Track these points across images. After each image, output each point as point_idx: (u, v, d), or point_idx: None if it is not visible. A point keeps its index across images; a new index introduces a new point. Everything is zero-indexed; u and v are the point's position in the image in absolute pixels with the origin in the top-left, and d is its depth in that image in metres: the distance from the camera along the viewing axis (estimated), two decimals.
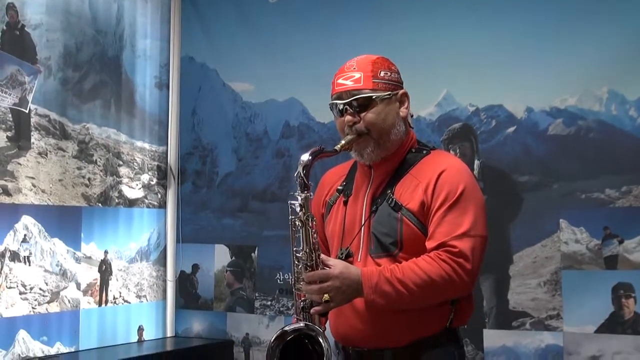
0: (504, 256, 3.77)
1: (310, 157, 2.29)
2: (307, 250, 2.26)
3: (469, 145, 3.90)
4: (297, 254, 2.28)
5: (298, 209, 2.28)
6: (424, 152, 2.41)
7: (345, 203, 2.44)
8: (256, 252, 4.50)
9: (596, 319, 3.58)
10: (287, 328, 2.25)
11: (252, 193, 4.56)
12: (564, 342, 3.63)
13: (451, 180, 2.28)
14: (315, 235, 2.27)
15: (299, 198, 2.28)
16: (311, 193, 2.29)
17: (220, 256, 4.60)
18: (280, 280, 4.38)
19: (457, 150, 3.89)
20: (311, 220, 2.28)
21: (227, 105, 4.65)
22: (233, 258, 4.57)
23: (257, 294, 4.47)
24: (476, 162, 3.85)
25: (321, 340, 2.21)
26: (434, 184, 2.28)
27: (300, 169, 2.28)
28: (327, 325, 2.41)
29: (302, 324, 2.25)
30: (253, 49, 4.51)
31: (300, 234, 2.28)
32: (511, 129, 3.83)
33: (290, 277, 2.33)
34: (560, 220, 3.68)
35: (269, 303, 4.42)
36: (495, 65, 3.84)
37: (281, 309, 4.37)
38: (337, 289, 2.21)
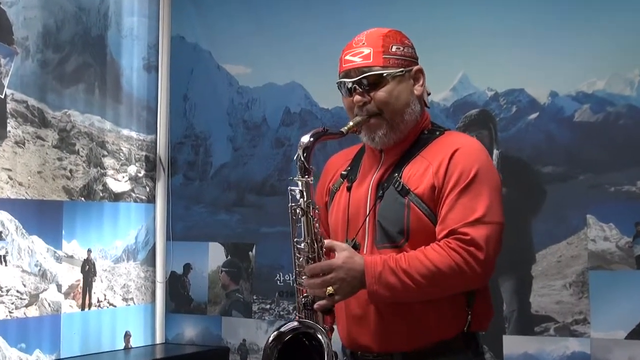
0: (526, 255, 3.78)
1: (311, 139, 2.28)
2: (309, 241, 2.26)
3: (487, 133, 3.90)
4: (298, 246, 2.28)
5: (298, 196, 2.28)
6: (437, 133, 2.42)
7: (349, 189, 2.45)
8: (254, 250, 4.52)
9: (627, 324, 3.57)
10: (283, 329, 2.26)
11: (250, 186, 4.57)
12: (591, 349, 3.63)
13: (465, 161, 2.27)
14: (317, 224, 2.28)
15: (299, 183, 2.28)
16: (312, 178, 2.28)
17: (215, 255, 4.62)
18: (280, 282, 4.39)
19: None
20: (312, 207, 2.27)
21: (221, 89, 4.65)
22: (229, 257, 4.59)
23: (255, 297, 4.48)
24: (495, 152, 3.85)
25: (320, 337, 2.21)
26: (446, 165, 2.27)
27: (300, 151, 2.27)
28: (336, 328, 2.43)
29: (295, 323, 2.26)
30: (250, 28, 4.52)
31: (301, 224, 2.27)
32: (533, 116, 3.84)
33: (292, 273, 2.34)
34: (588, 215, 3.68)
35: (268, 306, 4.43)
36: (517, 46, 3.83)
37: (281, 312, 4.38)
38: (341, 280, 2.20)
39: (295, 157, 2.29)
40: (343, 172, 2.52)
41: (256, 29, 4.51)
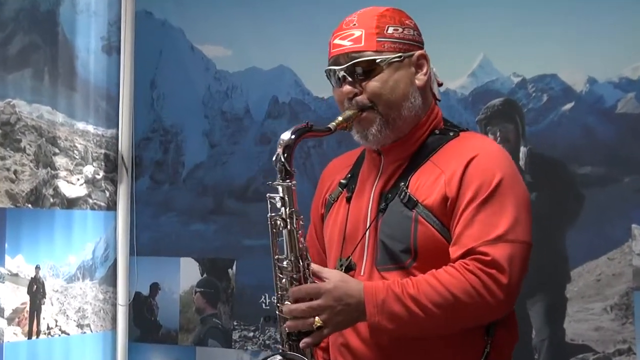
0: (559, 273, 3.79)
1: (292, 137, 2.27)
2: (292, 259, 2.24)
3: (513, 127, 3.92)
4: (280, 264, 2.27)
5: (279, 204, 2.27)
6: (451, 134, 2.41)
7: (348, 200, 2.45)
8: (234, 267, 4.52)
9: None
10: None
11: (229, 190, 4.59)
12: None
13: (484, 169, 2.26)
14: (302, 238, 2.27)
15: (280, 189, 2.27)
16: (295, 182, 2.28)
17: (188, 273, 4.63)
18: (266, 305, 4.40)
19: (498, 134, 3.91)
20: (296, 217, 2.26)
21: (196, 75, 4.68)
22: (204, 275, 4.60)
23: (235, 323, 4.49)
24: (522, 150, 3.87)
25: None
26: (461, 173, 2.26)
27: (279, 150, 2.27)
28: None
29: (278, 357, 2.25)
30: (230, 2, 4.55)
31: (283, 238, 2.27)
32: (568, 106, 3.85)
33: (273, 297, 2.33)
34: (633, 225, 3.68)
35: (251, 334, 4.44)
36: (548, 23, 3.84)
37: (267, 341, 4.39)
38: (331, 308, 2.18)
39: (274, 158, 2.29)
40: (342, 181, 2.53)
41: (237, 2, 4.54)
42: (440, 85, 2.48)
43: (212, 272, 4.57)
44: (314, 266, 2.26)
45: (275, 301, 2.32)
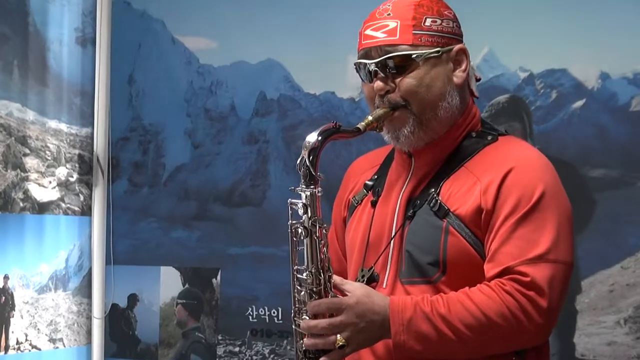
0: (569, 283, 3.77)
1: (319, 138, 2.25)
2: (313, 271, 2.24)
3: (520, 125, 3.93)
4: (299, 276, 2.27)
5: (301, 211, 2.26)
6: (489, 137, 2.39)
7: (374, 204, 2.45)
8: (219, 277, 4.52)
9: None
10: None
11: (214, 194, 4.59)
12: None
13: (525, 180, 2.23)
14: (325, 249, 2.26)
15: (303, 195, 2.26)
16: (320, 188, 2.26)
17: (169, 283, 4.64)
18: (253, 317, 4.39)
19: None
20: (319, 226, 2.25)
21: (178, 69, 4.69)
22: (186, 286, 4.61)
23: (220, 337, 4.50)
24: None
25: None
26: (499, 184, 2.23)
27: (304, 153, 2.25)
28: None
29: None
30: None
31: (304, 247, 2.26)
32: (579, 104, 3.87)
33: (267, 306, 2.34)
34: None
35: (237, 349, 4.45)
36: (557, 15, 3.86)
37: (254, 357, 4.40)
38: (353, 326, 2.17)
39: (298, 161, 2.26)
40: (368, 182, 2.51)
41: None
42: (478, 80, 2.47)
43: (195, 283, 4.58)
44: (336, 278, 2.25)
45: (292, 315, 2.31)
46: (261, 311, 4.35)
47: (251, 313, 4.40)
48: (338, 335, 2.18)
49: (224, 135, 4.58)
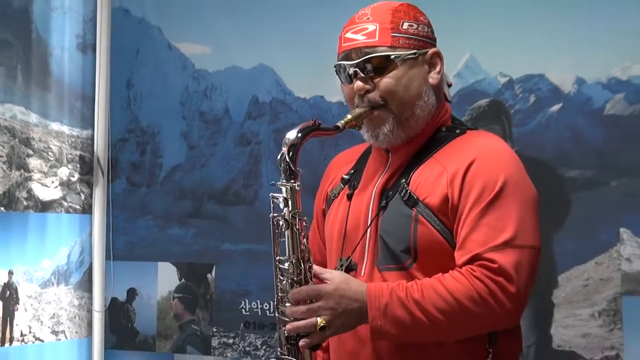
0: (546, 278, 3.78)
1: (298, 135, 2.26)
2: (294, 261, 2.25)
3: (499, 128, 3.93)
4: (281, 266, 2.28)
5: (282, 205, 2.27)
6: (457, 131, 2.41)
7: (350, 197, 2.45)
8: (213, 272, 4.51)
9: None
10: None
11: (208, 193, 4.58)
12: None
13: (489, 169, 2.25)
14: (305, 240, 2.27)
15: (284, 189, 2.27)
16: (300, 183, 2.27)
17: (166, 278, 4.63)
18: (246, 310, 4.39)
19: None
20: (299, 219, 2.26)
21: (174, 74, 4.68)
22: (182, 281, 4.60)
23: (215, 329, 4.48)
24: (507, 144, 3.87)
25: None
26: (464, 173, 2.25)
27: (284, 149, 2.26)
28: None
29: None
30: None
31: (285, 239, 2.27)
32: (556, 108, 3.86)
33: (260, 299, 2.33)
34: (621, 229, 3.69)
35: (230, 341, 4.43)
36: (536, 22, 3.85)
37: (247, 348, 4.39)
38: (332, 310, 2.18)
39: (278, 157, 2.28)
40: (345, 176, 2.53)
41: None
42: (449, 86, 2.47)
43: (191, 278, 4.57)
44: (316, 267, 2.26)
45: (275, 303, 2.31)
46: (254, 305, 4.34)
47: (244, 306, 4.39)
48: (319, 318, 2.18)
49: (218, 137, 4.57)
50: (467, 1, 3.95)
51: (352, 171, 2.52)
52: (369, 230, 2.35)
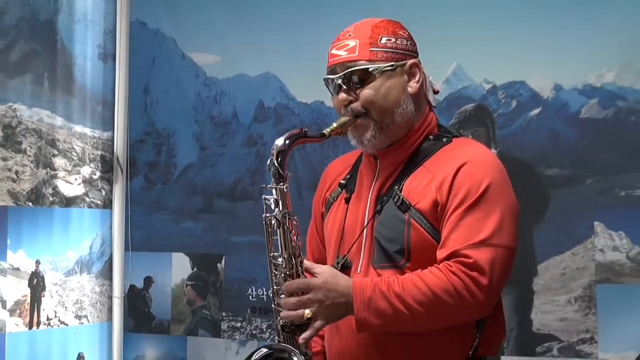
0: (527, 267, 3.80)
1: (286, 142, 2.28)
2: (286, 256, 2.27)
3: (484, 130, 3.93)
4: (275, 261, 2.30)
5: (273, 205, 2.29)
6: (444, 139, 2.40)
7: (347, 201, 2.46)
8: (223, 262, 4.52)
9: (638, 343, 3.60)
10: (254, 357, 2.26)
11: (218, 190, 4.58)
12: None
13: (474, 175, 2.26)
14: (295, 237, 2.28)
15: (274, 192, 2.29)
16: (288, 185, 2.29)
17: (179, 267, 4.62)
18: (252, 297, 4.39)
19: (470, 137, 3.89)
20: (289, 218, 2.28)
21: (187, 81, 4.66)
22: (195, 270, 4.60)
23: (224, 314, 4.49)
24: (493, 152, 3.87)
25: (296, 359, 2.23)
26: (451, 179, 2.26)
27: (273, 156, 2.28)
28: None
29: (264, 350, 2.27)
30: (219, 12, 4.53)
31: (278, 236, 2.29)
32: (536, 111, 3.86)
33: (266, 287, 2.36)
34: (595, 222, 3.71)
35: (238, 325, 4.44)
36: (517, 33, 3.85)
37: (254, 331, 4.39)
38: (319, 302, 2.20)
39: (268, 163, 2.30)
40: (342, 181, 2.52)
41: (226, 13, 4.52)
42: (436, 92, 2.47)
43: (202, 267, 4.56)
44: (307, 262, 2.28)
45: (271, 295, 2.33)
46: (259, 291, 4.35)
47: (251, 293, 4.39)
48: (306, 310, 2.20)
49: (227, 139, 4.56)
50: (455, 16, 3.93)
51: (349, 176, 2.51)
52: (365, 231, 2.36)
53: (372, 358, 2.31)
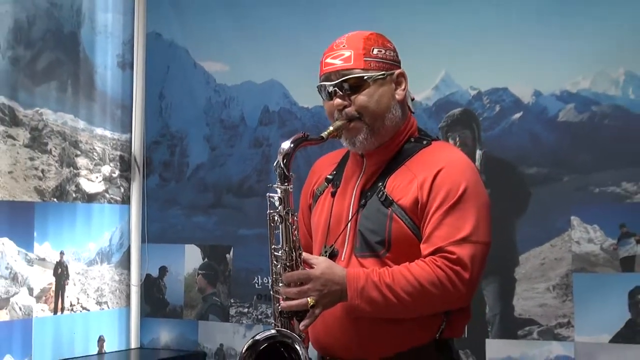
0: (509, 258, 3.79)
1: (291, 145, 2.28)
2: (287, 249, 2.27)
3: (470, 133, 3.92)
4: (276, 253, 2.30)
5: (277, 203, 2.29)
6: (424, 142, 2.41)
7: (333, 195, 2.46)
8: (231, 253, 4.51)
9: (611, 327, 3.59)
10: (258, 337, 2.27)
11: (227, 187, 4.57)
12: (575, 353, 3.65)
13: (452, 178, 2.28)
14: (296, 232, 2.29)
15: (279, 191, 2.29)
16: (292, 185, 2.29)
17: (191, 258, 4.61)
18: (258, 285, 4.39)
19: (457, 139, 3.90)
20: (291, 215, 2.29)
21: (198, 87, 4.65)
22: (205, 260, 4.59)
23: (232, 300, 4.48)
24: (478, 152, 3.87)
25: (297, 347, 2.23)
26: (432, 181, 2.27)
27: (279, 158, 2.28)
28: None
29: (273, 331, 2.27)
30: (228, 25, 4.52)
31: (280, 231, 2.29)
32: (517, 115, 3.85)
33: (269, 280, 2.35)
34: (572, 217, 3.70)
35: (245, 310, 4.43)
36: (500, 44, 3.85)
37: (259, 316, 4.38)
38: (318, 292, 2.21)
39: (274, 164, 2.30)
40: (328, 177, 2.52)
41: (234, 25, 4.51)
42: (412, 100, 2.47)
43: (212, 257, 4.55)
44: (305, 254, 2.28)
45: (270, 284, 2.34)
46: (265, 280, 4.33)
47: (257, 281, 4.38)
48: (309, 298, 2.21)
49: (235, 140, 4.55)
50: (443, 28, 3.91)
51: (335, 172, 2.52)
52: (349, 223, 2.36)
53: (350, 339, 2.31)
